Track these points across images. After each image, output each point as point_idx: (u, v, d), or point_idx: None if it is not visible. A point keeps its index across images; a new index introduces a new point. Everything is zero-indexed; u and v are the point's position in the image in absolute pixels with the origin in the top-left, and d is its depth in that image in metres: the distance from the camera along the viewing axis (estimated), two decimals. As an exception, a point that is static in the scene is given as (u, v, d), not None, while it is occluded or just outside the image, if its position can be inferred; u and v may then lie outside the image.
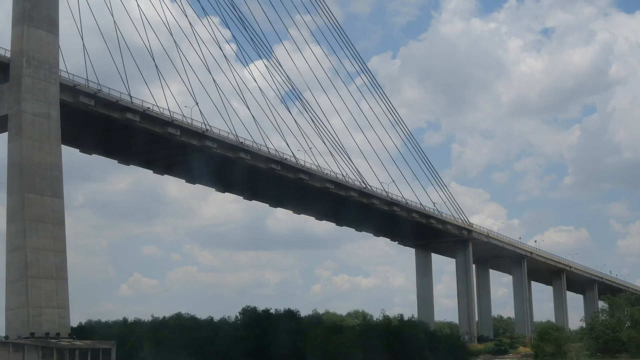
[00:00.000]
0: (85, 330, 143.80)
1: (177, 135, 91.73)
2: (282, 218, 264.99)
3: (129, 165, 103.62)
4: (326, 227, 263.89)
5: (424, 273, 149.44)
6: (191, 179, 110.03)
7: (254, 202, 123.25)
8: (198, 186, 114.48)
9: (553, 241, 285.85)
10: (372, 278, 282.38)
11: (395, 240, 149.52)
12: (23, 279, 67.91)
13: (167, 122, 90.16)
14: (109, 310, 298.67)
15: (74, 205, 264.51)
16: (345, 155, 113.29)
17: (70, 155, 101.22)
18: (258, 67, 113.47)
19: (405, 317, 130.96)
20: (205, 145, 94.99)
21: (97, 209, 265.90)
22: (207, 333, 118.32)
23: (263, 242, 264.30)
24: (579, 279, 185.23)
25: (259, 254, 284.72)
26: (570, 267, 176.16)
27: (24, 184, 70.68)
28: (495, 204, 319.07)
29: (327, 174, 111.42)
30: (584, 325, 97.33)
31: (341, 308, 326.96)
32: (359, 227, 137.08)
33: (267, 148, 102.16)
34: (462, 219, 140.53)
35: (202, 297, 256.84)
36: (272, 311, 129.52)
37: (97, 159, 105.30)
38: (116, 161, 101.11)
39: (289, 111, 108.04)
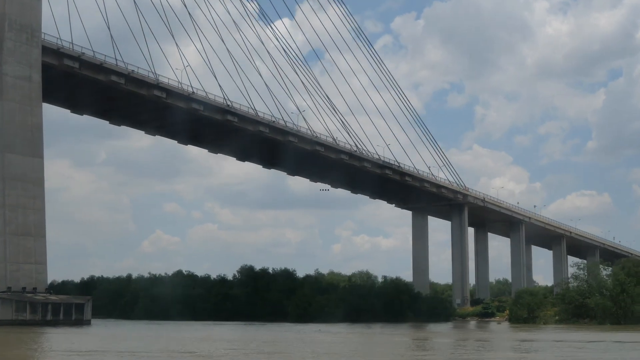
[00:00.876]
0: (88, 285, 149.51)
1: (163, 97, 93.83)
2: (302, 178, 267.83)
3: (120, 126, 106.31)
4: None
5: (420, 236, 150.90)
6: (183, 140, 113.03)
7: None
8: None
9: (575, 206, 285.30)
10: (392, 239, 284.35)
11: (391, 203, 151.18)
12: (2, 236, 71.05)
13: (152, 85, 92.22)
14: (130, 266, 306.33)
15: (96, 162, 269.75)
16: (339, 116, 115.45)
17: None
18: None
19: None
20: (192, 107, 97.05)
21: (119, 166, 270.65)
22: (200, 290, 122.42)
23: (283, 202, 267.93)
24: (580, 245, 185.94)
25: (278, 213, 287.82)
26: (571, 232, 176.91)
27: (4, 144, 73.41)
28: (518, 167, 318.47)
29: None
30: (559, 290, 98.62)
31: (359, 268, 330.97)
32: (354, 189, 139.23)
33: (255, 111, 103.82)
34: (458, 183, 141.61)
35: (222, 254, 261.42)
36: (270, 270, 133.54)
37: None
38: (107, 122, 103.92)
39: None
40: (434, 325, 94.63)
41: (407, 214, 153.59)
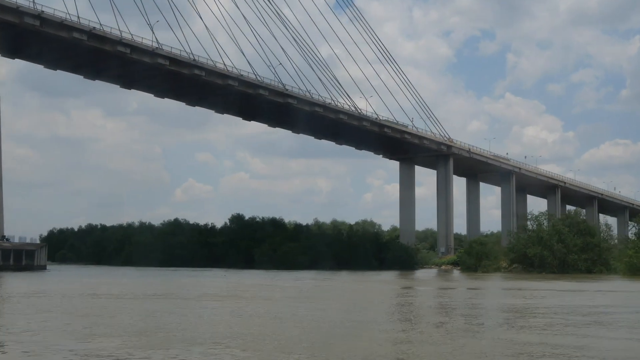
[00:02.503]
0: (86, 233, 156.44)
1: (127, 53, 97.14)
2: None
3: (94, 80, 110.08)
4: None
5: (407, 185, 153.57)
6: (158, 93, 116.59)
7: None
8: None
9: (608, 155, 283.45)
10: (423, 188, 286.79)
11: (379, 154, 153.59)
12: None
13: (116, 41, 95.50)
14: (164, 214, 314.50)
15: (128, 111, 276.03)
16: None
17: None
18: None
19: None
20: (157, 62, 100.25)
21: (151, 115, 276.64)
22: (181, 238, 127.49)
23: (314, 151, 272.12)
24: (577, 195, 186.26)
25: (310, 162, 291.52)
26: (565, 182, 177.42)
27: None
28: (551, 116, 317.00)
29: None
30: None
31: (390, 217, 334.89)
32: (338, 141, 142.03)
33: (221, 64, 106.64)
34: (442, 134, 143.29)
35: (254, 203, 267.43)
36: (259, 219, 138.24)
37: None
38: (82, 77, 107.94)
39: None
40: (388, 272, 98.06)
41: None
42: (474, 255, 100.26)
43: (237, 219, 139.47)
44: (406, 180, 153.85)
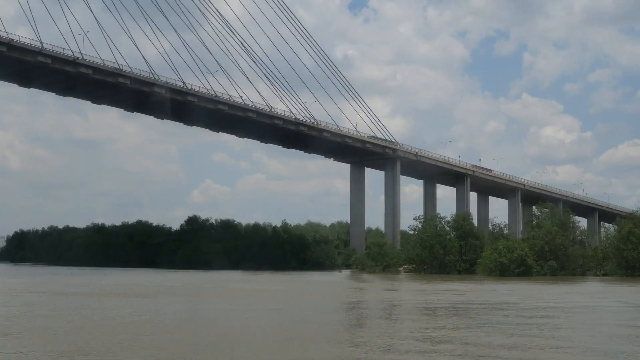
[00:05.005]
0: (47, 234, 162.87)
1: (49, 63, 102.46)
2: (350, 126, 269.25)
3: (29, 88, 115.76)
4: (396, 136, 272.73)
5: (358, 188, 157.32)
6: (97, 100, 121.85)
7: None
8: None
9: (627, 155, 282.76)
10: (440, 189, 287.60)
11: (329, 157, 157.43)
12: None
13: (36, 52, 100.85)
14: (181, 216, 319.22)
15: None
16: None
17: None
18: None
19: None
20: (80, 72, 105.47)
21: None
22: (118, 239, 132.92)
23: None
24: (540, 197, 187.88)
25: (327, 163, 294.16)
26: (525, 185, 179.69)
27: None
28: (569, 116, 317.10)
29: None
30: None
31: (406, 218, 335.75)
32: (285, 145, 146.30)
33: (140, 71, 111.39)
34: (386, 137, 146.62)
35: (272, 204, 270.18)
36: (213, 221, 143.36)
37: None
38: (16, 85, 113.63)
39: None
40: (300, 273, 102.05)
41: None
42: (371, 257, 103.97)
43: (192, 221, 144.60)
44: (356, 182, 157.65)
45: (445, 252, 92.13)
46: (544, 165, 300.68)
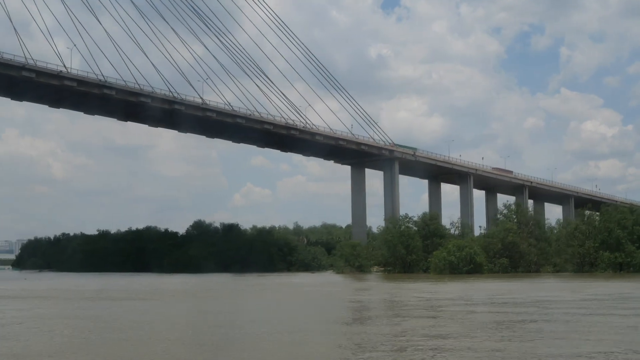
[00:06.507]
0: (57, 241, 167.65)
1: (34, 77, 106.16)
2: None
3: (21, 101, 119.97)
4: (434, 135, 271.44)
5: (358, 189, 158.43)
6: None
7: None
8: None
9: None
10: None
11: (329, 160, 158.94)
12: None
13: (20, 67, 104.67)
14: (223, 219, 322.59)
15: None
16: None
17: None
18: None
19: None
20: (64, 84, 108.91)
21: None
22: (118, 245, 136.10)
23: None
24: (549, 194, 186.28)
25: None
26: (532, 182, 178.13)
27: None
28: (609, 110, 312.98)
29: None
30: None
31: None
32: (284, 149, 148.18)
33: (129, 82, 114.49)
34: (384, 140, 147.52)
35: (313, 206, 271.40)
36: (218, 225, 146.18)
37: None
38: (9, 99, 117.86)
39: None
40: (286, 274, 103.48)
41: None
42: (343, 257, 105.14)
43: (197, 225, 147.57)
44: (356, 183, 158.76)
45: (408, 252, 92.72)
46: (585, 160, 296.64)
